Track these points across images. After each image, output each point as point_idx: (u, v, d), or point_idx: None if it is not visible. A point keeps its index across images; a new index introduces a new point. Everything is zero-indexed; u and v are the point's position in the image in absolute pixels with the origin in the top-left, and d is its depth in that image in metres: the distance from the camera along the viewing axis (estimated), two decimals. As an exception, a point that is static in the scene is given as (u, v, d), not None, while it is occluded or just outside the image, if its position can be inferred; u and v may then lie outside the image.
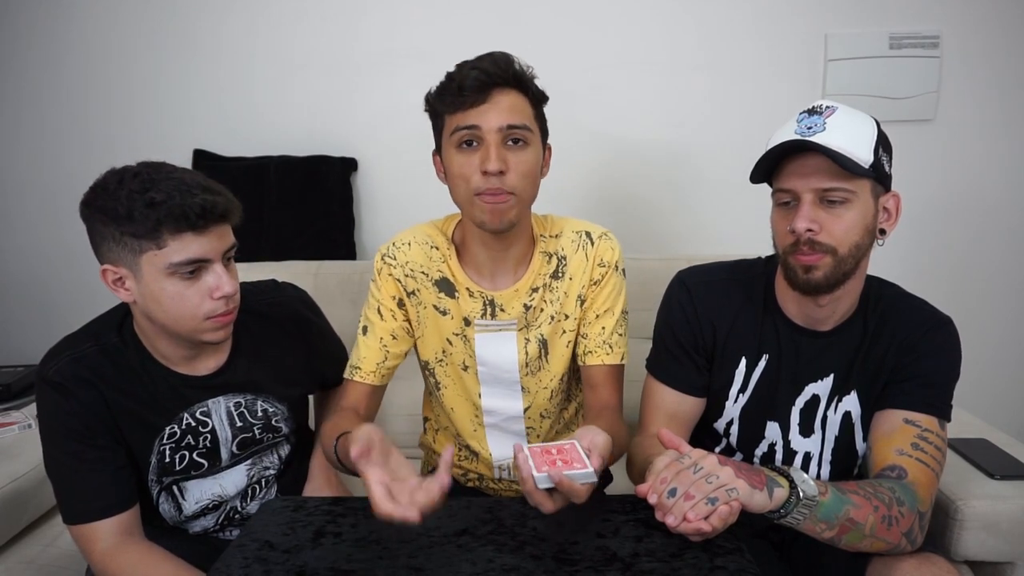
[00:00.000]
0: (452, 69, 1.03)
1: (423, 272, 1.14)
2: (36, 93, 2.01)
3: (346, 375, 1.17)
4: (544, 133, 1.08)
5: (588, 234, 1.15)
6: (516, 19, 1.89)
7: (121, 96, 2.00)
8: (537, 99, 1.06)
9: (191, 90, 1.99)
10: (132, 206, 0.91)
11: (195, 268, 0.95)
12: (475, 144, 1.01)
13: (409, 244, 1.15)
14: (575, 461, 0.80)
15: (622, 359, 1.16)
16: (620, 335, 1.15)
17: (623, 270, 1.16)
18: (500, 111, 1.00)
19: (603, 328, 1.14)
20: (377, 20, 1.92)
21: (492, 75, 0.99)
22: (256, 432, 1.12)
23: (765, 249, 1.08)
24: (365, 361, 1.16)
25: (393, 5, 1.91)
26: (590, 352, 1.14)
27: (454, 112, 1.01)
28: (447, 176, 1.07)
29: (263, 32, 1.95)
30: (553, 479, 0.78)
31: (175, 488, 1.10)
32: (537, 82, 1.05)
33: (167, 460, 1.07)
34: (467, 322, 1.14)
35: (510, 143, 1.01)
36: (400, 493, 0.77)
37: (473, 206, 1.03)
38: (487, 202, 1.01)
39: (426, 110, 1.07)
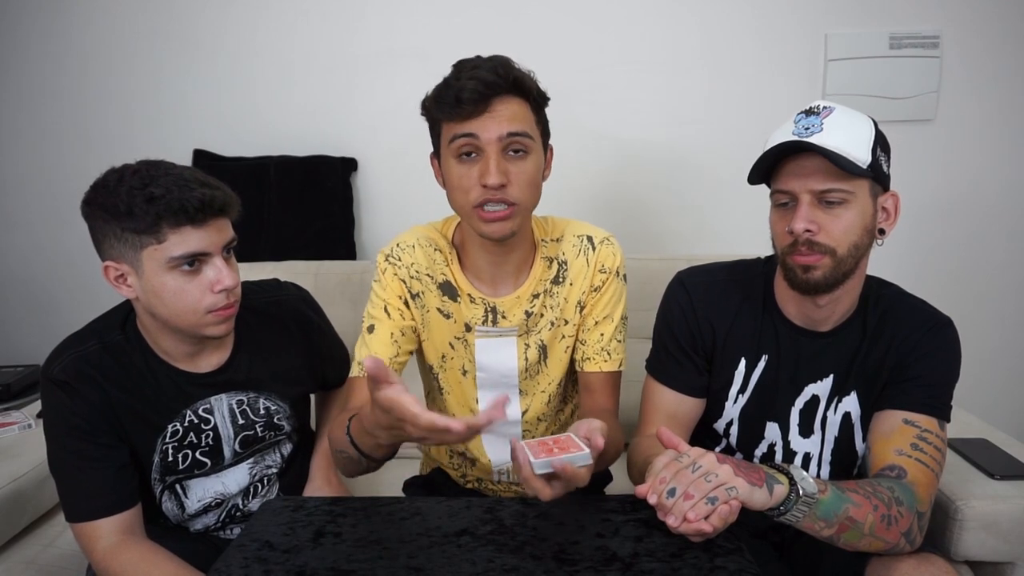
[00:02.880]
0: (449, 71, 1.00)
1: (428, 275, 1.12)
2: (36, 93, 2.01)
3: (354, 373, 1.11)
4: (545, 136, 1.06)
5: (590, 239, 1.12)
6: (516, 19, 1.89)
7: (121, 96, 2.00)
8: (538, 103, 1.03)
9: (191, 90, 1.98)
10: (132, 202, 0.92)
11: (195, 262, 0.96)
12: (474, 155, 0.98)
13: (413, 246, 1.13)
14: (571, 447, 0.81)
15: (620, 366, 1.14)
16: (619, 341, 1.14)
17: (624, 276, 1.14)
18: (499, 121, 0.96)
19: (602, 335, 1.12)
20: (377, 20, 1.92)
21: (491, 84, 0.95)
22: (258, 430, 1.13)
23: (765, 249, 1.08)
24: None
25: (393, 5, 1.91)
26: (588, 359, 1.13)
27: (451, 121, 0.99)
28: (445, 184, 1.04)
29: (263, 32, 1.94)
30: (555, 466, 0.78)
31: (178, 487, 1.10)
32: (538, 83, 1.03)
33: (170, 459, 1.07)
34: (468, 327, 1.13)
35: (510, 153, 0.99)
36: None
37: (473, 219, 1.01)
38: (486, 217, 0.99)
39: (422, 114, 1.04)
